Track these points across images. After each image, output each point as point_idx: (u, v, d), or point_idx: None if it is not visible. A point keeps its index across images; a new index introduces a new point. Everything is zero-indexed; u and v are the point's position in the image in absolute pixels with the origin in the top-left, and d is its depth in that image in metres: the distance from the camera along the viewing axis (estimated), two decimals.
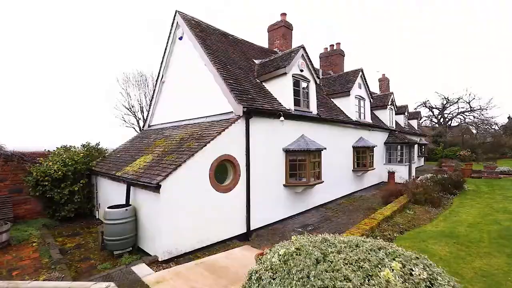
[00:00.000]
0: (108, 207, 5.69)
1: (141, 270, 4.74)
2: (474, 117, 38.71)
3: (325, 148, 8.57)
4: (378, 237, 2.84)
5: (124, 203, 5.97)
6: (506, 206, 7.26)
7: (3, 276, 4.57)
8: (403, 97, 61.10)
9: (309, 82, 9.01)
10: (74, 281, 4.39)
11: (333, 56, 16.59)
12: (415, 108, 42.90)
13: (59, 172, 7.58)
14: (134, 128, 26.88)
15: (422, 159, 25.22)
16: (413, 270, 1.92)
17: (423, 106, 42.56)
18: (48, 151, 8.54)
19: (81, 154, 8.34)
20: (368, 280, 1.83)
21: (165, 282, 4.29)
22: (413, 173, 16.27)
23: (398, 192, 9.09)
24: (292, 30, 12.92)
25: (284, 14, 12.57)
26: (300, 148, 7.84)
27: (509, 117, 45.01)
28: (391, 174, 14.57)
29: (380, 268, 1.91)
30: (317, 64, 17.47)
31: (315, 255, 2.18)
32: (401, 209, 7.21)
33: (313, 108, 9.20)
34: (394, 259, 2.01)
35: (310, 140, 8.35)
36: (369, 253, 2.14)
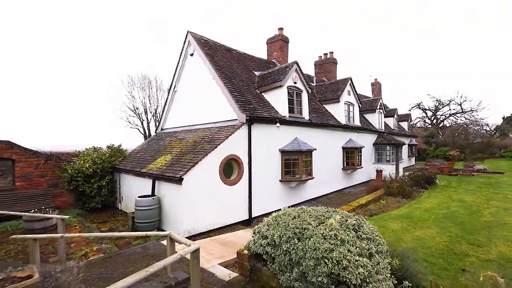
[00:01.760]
0: (139, 197, 7.13)
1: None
2: (465, 118, 40.31)
3: (315, 149, 10.00)
4: None
5: (148, 194, 7.40)
6: (462, 197, 8.72)
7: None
8: (398, 98, 62.75)
9: (302, 92, 10.45)
10: (120, 250, 5.84)
11: (326, 64, 18.03)
12: (409, 110, 44.55)
13: (90, 169, 9.00)
14: (138, 129, 28.21)
15: (413, 158, 26.67)
16: (347, 220, 3.37)
17: (417, 107, 44.12)
18: (78, 151, 9.95)
19: (107, 154, 9.76)
20: (321, 224, 3.28)
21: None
22: (401, 172, 17.72)
23: (379, 187, 10.54)
24: (288, 42, 14.35)
25: (281, 29, 14.00)
26: (293, 149, 9.27)
27: (503, 118, 46.70)
28: (378, 173, 15.99)
29: (328, 219, 3.36)
30: (312, 71, 18.93)
31: (293, 214, 3.62)
32: (376, 199, 8.67)
33: (306, 114, 10.64)
34: (338, 215, 3.46)
35: (302, 142, 9.78)
36: (325, 213, 3.58)
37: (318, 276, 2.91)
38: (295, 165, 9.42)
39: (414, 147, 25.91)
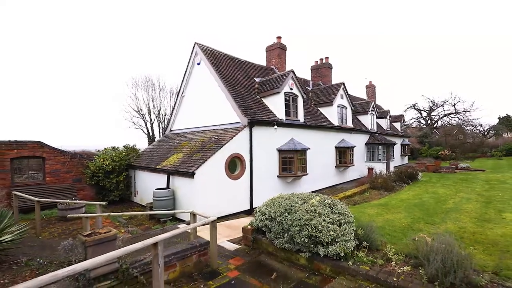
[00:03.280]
0: (156, 189, 8.32)
1: (184, 227, 7.35)
2: (459, 118, 41.58)
3: (309, 148, 11.19)
4: None
5: (162, 187, 8.57)
6: (436, 190, 9.93)
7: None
8: (393, 99, 64.07)
9: (297, 97, 11.64)
10: (143, 232, 7.03)
11: (322, 68, 19.22)
12: (405, 110, 45.85)
13: (110, 166, 10.18)
14: (143, 130, 29.37)
15: (406, 157, 27.87)
16: (325, 200, 4.58)
17: (412, 108, 45.34)
18: (98, 150, 11.13)
19: (123, 153, 10.94)
20: (305, 203, 4.48)
21: (202, 231, 6.91)
22: (391, 169, 18.91)
23: (366, 182, 11.75)
24: (285, 50, 15.52)
25: (279, 37, 15.17)
26: (289, 148, 10.46)
27: (499, 118, 48.05)
28: (370, 170, 17.20)
29: (311, 200, 4.57)
30: (308, 75, 20.10)
31: (285, 197, 4.82)
32: (361, 192, 9.88)
33: (301, 117, 11.83)
34: (318, 197, 4.66)
35: (297, 142, 10.97)
36: (309, 195, 4.79)
37: (302, 238, 4.12)
38: (291, 162, 10.61)
39: (406, 146, 27.14)
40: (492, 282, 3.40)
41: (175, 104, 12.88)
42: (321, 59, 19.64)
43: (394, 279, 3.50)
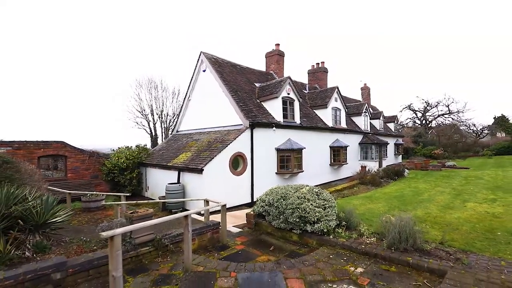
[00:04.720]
0: (168, 183, 9.41)
1: (194, 216, 8.44)
2: (452, 119, 42.86)
3: (304, 148, 12.30)
4: None
5: (173, 182, 9.64)
6: (418, 185, 11.07)
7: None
8: (391, 99, 65.30)
9: (294, 101, 12.74)
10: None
11: (318, 72, 20.33)
12: (401, 111, 47.10)
13: (124, 164, 11.26)
14: (146, 130, 30.39)
15: (400, 156, 29.00)
16: (313, 189, 5.69)
17: (408, 108, 46.57)
18: (113, 150, 12.21)
19: (136, 152, 12.02)
20: (297, 191, 5.60)
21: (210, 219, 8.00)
22: (384, 167, 20.02)
23: (356, 179, 12.87)
24: (284, 56, 16.63)
25: (277, 45, 16.27)
26: (287, 147, 11.56)
27: (494, 118, 49.32)
28: (362, 168, 18.32)
29: (301, 189, 5.68)
30: (307, 76, 21.22)
31: (281, 187, 5.94)
32: (351, 187, 11.01)
33: (297, 119, 12.94)
34: (307, 187, 5.77)
35: (294, 142, 12.07)
36: (300, 186, 5.91)
37: (294, 218, 5.24)
38: (288, 160, 11.71)
39: (400, 146, 28.28)
40: (436, 248, 4.53)
41: (181, 107, 13.95)
42: (317, 64, 20.75)
43: (363, 246, 4.62)
